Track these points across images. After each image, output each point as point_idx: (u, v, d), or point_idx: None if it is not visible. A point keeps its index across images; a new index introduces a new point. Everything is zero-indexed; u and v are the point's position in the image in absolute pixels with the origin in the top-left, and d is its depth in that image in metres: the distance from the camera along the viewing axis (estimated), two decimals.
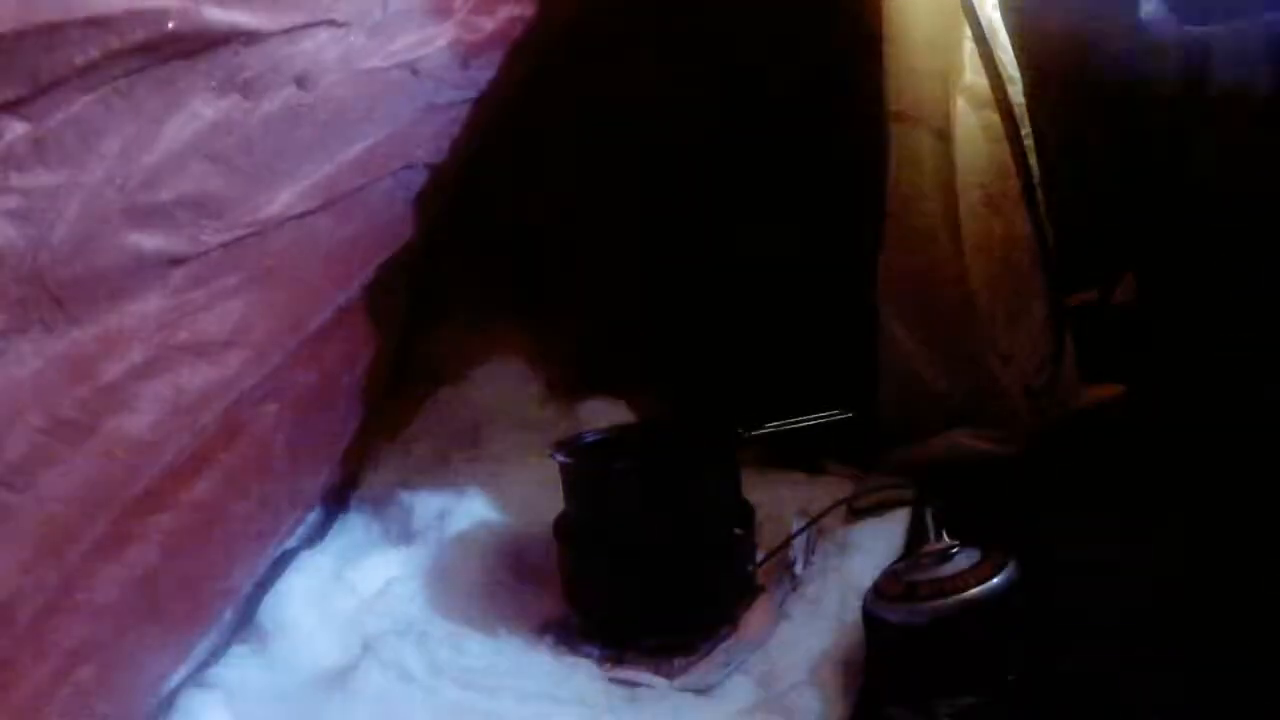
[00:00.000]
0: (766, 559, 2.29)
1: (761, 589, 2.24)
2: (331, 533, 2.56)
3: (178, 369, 1.71)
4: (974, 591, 1.80)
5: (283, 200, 1.81)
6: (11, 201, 1.32)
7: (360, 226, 2.16)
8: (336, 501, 2.67)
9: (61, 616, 1.55)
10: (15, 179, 1.32)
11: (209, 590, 2.06)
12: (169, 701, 1.93)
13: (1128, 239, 2.57)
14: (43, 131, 1.34)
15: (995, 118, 2.41)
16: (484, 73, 2.31)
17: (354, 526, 2.59)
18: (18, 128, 1.31)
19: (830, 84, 2.65)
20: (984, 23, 2.34)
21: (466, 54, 2.17)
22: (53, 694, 1.56)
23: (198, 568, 1.95)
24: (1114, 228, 2.55)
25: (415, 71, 2.00)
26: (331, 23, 1.78)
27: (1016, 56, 2.39)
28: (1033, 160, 2.41)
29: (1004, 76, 2.37)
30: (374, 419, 2.76)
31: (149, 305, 1.61)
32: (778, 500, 2.46)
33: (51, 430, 1.47)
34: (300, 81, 1.69)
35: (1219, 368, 2.36)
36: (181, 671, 2.01)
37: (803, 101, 2.73)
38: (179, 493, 1.81)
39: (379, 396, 2.73)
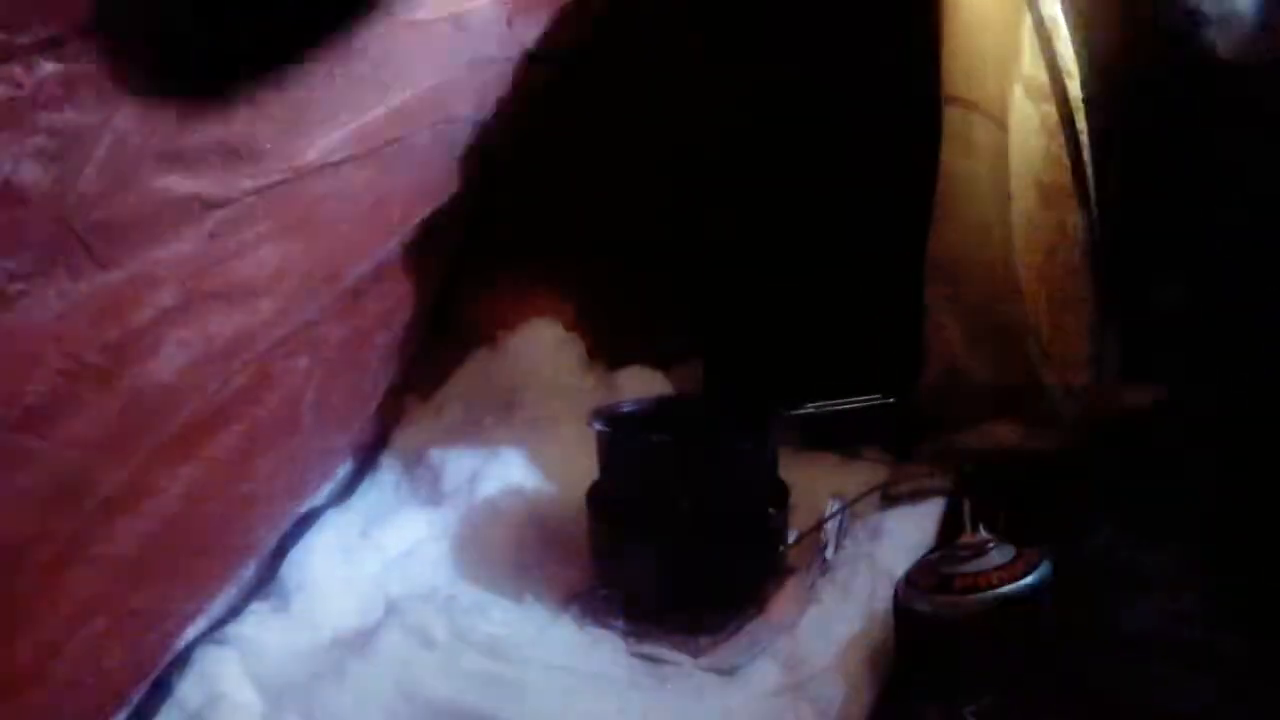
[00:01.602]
0: (798, 541, 2.24)
1: (792, 571, 2.20)
2: (360, 491, 2.54)
3: (208, 316, 1.69)
4: (1007, 589, 1.76)
5: (320, 147, 1.78)
6: (40, 141, 1.30)
7: (400, 180, 2.13)
8: (366, 459, 2.65)
9: (76, 565, 1.53)
10: (44, 119, 1.29)
11: (229, 546, 2.04)
12: (185, 657, 1.91)
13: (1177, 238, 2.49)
14: (75, 72, 1.31)
15: (1052, 110, 2.34)
16: (529, 31, 2.27)
17: (383, 485, 2.57)
18: (49, 67, 1.28)
19: (884, 67, 2.58)
20: (1045, 14, 2.27)
21: (511, 12, 2.13)
22: (63, 644, 1.55)
23: (218, 522, 1.93)
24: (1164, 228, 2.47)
25: (459, 26, 1.96)
26: None
27: (1078, 51, 2.31)
28: (1087, 155, 2.34)
29: (1063, 70, 2.30)
30: (407, 378, 2.74)
31: (180, 250, 1.59)
32: (812, 482, 2.41)
33: (75, 375, 1.45)
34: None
35: (1263, 372, 2.28)
36: (199, 626, 2.00)
37: (856, 81, 2.66)
38: (203, 444, 1.79)
39: (413, 356, 2.70)
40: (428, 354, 2.85)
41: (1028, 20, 2.29)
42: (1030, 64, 2.33)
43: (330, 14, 1.70)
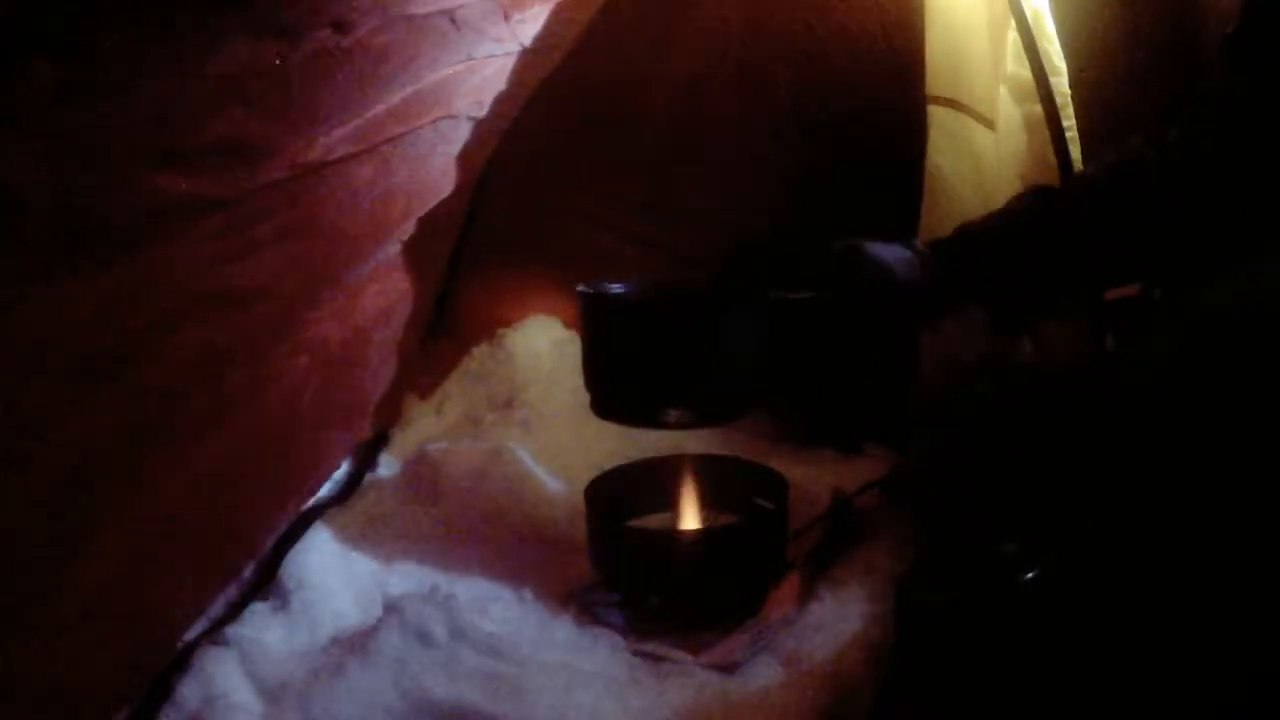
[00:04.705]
0: (798, 536, 2.24)
1: (791, 567, 2.19)
2: (359, 490, 2.54)
3: (207, 316, 1.68)
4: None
5: (320, 145, 1.77)
6: (38, 142, 1.29)
7: (399, 178, 2.13)
8: (365, 458, 2.64)
9: (75, 567, 1.53)
10: (42, 119, 1.28)
11: (228, 545, 2.04)
12: (184, 658, 1.91)
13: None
14: (73, 71, 1.30)
15: (1036, 108, 2.34)
16: (526, 27, 2.26)
17: (382, 484, 2.56)
18: (46, 67, 1.27)
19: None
20: (1028, 12, 2.26)
21: (509, 6, 2.12)
22: (62, 645, 1.54)
23: (217, 522, 1.92)
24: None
25: (455, 21, 1.96)
26: None
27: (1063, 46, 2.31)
28: (1075, 152, 2.34)
29: (1048, 68, 2.30)
30: (407, 376, 2.74)
31: (180, 251, 1.57)
32: (810, 478, 2.41)
33: (74, 377, 1.44)
34: (337, 26, 1.64)
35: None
36: (198, 626, 2.00)
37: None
38: (202, 444, 1.78)
39: (413, 353, 2.70)
40: (427, 352, 2.85)
41: (1011, 18, 2.29)
42: (1013, 64, 2.33)
43: None
